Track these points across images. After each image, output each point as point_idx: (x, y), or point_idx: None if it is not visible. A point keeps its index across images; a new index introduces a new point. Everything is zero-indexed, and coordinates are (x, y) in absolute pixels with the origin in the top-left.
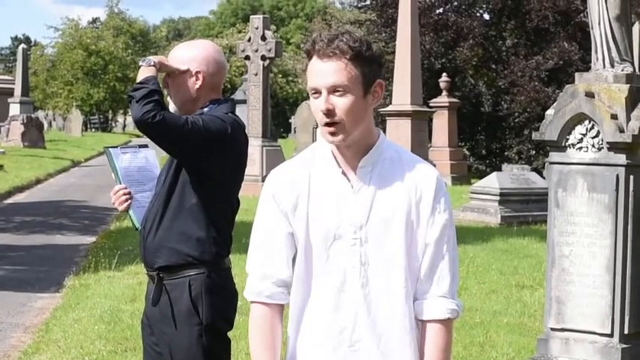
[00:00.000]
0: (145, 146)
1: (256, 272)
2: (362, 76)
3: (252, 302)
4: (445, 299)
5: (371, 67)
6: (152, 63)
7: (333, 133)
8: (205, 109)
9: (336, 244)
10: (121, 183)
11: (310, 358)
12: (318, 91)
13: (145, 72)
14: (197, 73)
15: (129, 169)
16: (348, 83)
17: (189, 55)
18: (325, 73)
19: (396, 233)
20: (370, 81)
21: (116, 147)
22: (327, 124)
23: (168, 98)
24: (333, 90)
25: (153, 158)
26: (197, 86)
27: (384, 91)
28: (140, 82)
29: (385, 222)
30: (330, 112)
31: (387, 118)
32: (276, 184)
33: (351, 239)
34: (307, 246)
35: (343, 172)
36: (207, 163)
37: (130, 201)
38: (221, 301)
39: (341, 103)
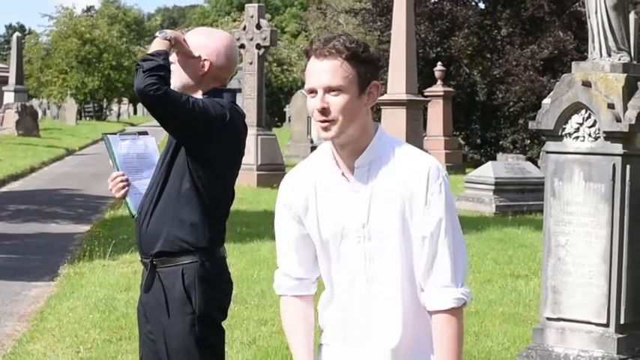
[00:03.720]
0: (145, 133)
1: (284, 271)
2: (357, 76)
3: (279, 295)
4: (448, 289)
5: (367, 68)
6: (168, 37)
7: (325, 129)
8: (205, 96)
9: (344, 243)
10: (118, 170)
11: (326, 353)
12: (314, 91)
13: (158, 44)
14: (205, 60)
15: (127, 155)
16: (342, 83)
17: (203, 42)
18: (321, 72)
19: (392, 230)
20: (366, 81)
21: (115, 134)
22: (320, 120)
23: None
24: (328, 90)
25: (152, 145)
26: (201, 73)
27: (379, 92)
28: (151, 54)
29: (383, 219)
30: (324, 111)
31: (382, 107)
32: (288, 192)
33: (355, 237)
34: (321, 246)
35: (343, 174)
36: (204, 146)
37: (127, 188)
38: (215, 290)
39: (335, 102)
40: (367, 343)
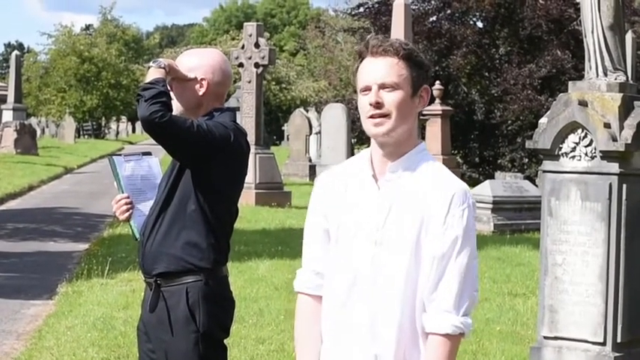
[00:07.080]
0: (149, 153)
1: (304, 265)
2: (410, 77)
3: (297, 292)
4: (448, 314)
5: (419, 71)
6: (162, 65)
7: (377, 124)
8: (207, 117)
9: (354, 242)
10: (123, 192)
11: (322, 351)
12: (368, 88)
13: (154, 73)
14: (202, 80)
15: (132, 177)
16: (397, 80)
17: (196, 63)
18: (376, 69)
19: (405, 242)
20: (418, 84)
21: (120, 155)
22: (373, 116)
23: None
24: (382, 86)
25: (156, 166)
26: (201, 93)
27: (429, 97)
28: (150, 83)
29: (398, 229)
30: (378, 105)
31: None
32: (322, 186)
33: (366, 240)
34: (335, 243)
35: (374, 175)
36: (209, 168)
37: (131, 211)
38: (218, 308)
39: (390, 98)
40: (357, 348)
